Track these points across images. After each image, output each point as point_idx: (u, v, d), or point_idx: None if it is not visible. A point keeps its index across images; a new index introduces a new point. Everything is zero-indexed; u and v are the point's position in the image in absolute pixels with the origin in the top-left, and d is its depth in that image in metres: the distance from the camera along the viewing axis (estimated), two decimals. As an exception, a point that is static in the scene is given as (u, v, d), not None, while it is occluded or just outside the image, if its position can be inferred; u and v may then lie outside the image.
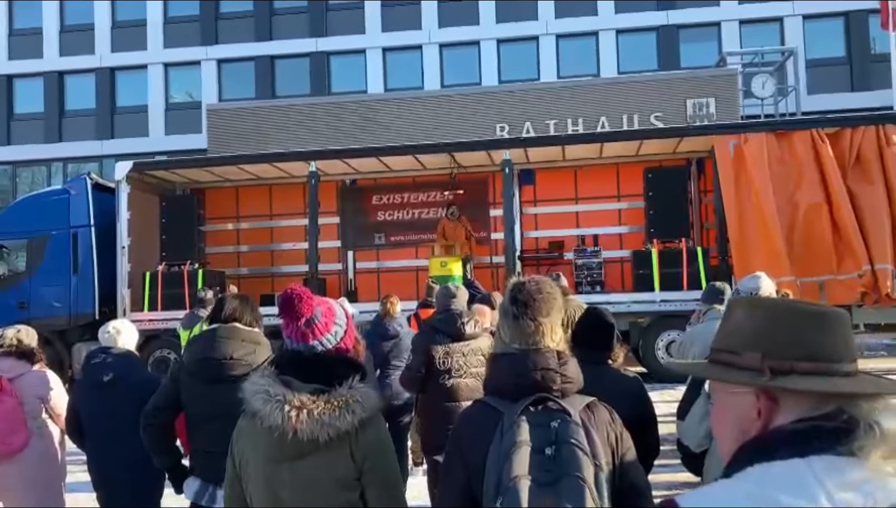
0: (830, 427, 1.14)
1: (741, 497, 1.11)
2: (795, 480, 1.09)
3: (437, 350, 4.78)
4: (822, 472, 1.09)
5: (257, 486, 2.16)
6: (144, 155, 20.01)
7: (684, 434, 3.22)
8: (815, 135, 11.22)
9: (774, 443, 1.16)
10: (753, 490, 1.11)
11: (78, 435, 4.37)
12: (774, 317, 1.27)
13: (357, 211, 14.53)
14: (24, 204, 14.18)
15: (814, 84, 21.69)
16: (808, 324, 1.24)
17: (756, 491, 1.10)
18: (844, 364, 1.21)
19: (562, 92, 16.69)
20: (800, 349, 1.22)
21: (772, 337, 1.25)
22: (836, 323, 1.24)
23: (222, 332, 3.67)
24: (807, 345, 1.22)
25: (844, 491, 1.06)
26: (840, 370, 1.21)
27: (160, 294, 12.58)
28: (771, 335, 1.25)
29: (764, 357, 1.24)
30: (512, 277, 2.25)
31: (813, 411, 1.18)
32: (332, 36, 24.77)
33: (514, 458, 1.83)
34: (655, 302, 11.70)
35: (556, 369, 1.99)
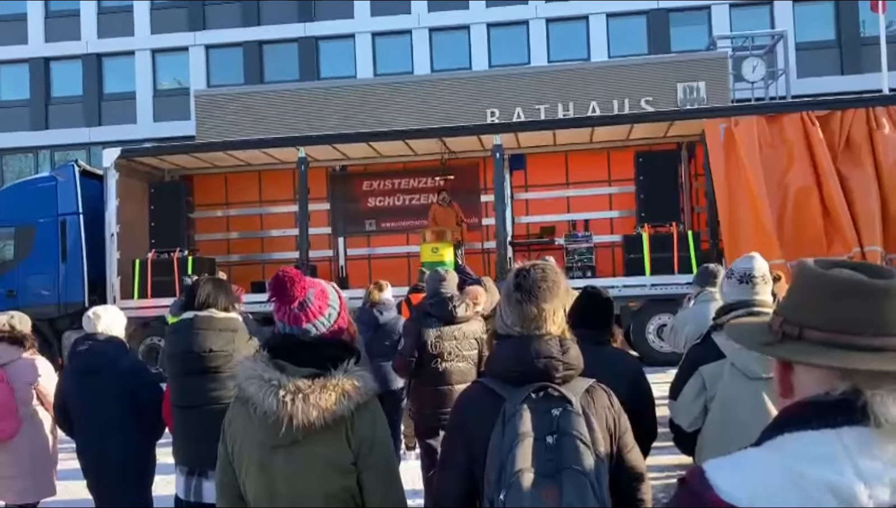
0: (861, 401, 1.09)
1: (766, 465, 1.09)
2: (822, 450, 1.06)
3: (429, 334, 4.77)
4: (852, 443, 1.06)
5: (251, 472, 2.12)
6: (132, 142, 19.84)
7: (677, 414, 3.22)
8: (805, 118, 11.23)
9: (806, 413, 1.12)
10: (778, 459, 1.08)
11: (67, 423, 4.34)
12: (803, 282, 1.22)
13: (347, 197, 14.47)
14: (10, 191, 14.06)
15: (804, 67, 21.69)
16: (832, 290, 1.17)
17: (780, 461, 1.08)
18: (866, 338, 1.13)
19: (552, 76, 16.65)
20: (813, 315, 1.17)
21: (793, 300, 1.22)
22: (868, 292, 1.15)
23: (199, 324, 3.67)
24: (822, 312, 1.16)
25: (872, 462, 1.04)
26: (858, 343, 1.13)
27: (150, 281, 12.53)
28: (793, 299, 1.22)
29: (783, 321, 1.20)
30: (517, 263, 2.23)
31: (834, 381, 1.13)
32: (320, 21, 24.58)
33: (517, 451, 1.84)
34: (646, 286, 11.73)
35: (559, 357, 2.00)
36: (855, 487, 1.02)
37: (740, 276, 3.21)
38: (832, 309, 1.16)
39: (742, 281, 3.21)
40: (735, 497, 1.04)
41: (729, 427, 2.97)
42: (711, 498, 1.06)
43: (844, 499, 1.01)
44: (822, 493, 1.02)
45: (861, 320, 1.13)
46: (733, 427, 2.91)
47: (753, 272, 3.20)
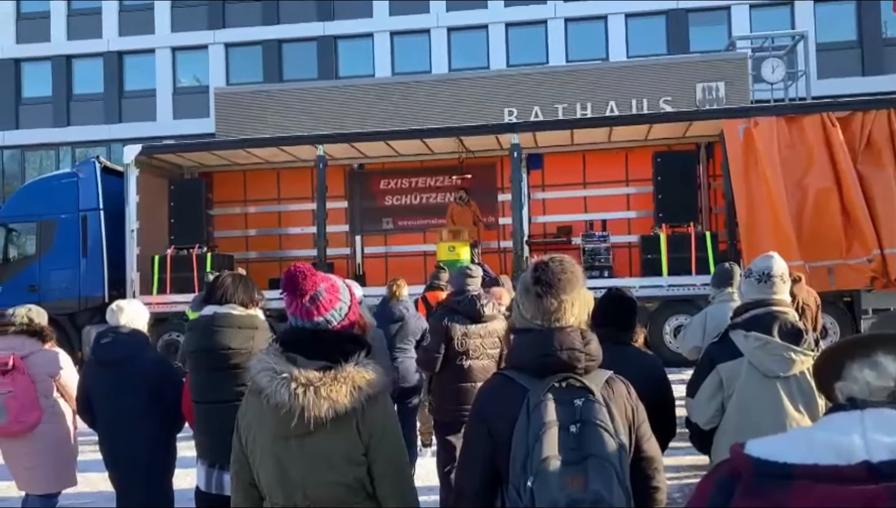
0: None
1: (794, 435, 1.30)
2: (841, 423, 1.23)
3: (456, 331, 4.80)
4: (870, 419, 1.21)
5: (265, 463, 2.16)
6: (152, 139, 20.00)
7: (693, 412, 3.22)
8: (825, 119, 11.13)
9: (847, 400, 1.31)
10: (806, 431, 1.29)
11: (89, 415, 4.38)
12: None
13: (365, 195, 14.53)
14: (33, 187, 14.21)
15: (824, 68, 21.51)
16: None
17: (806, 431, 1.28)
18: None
19: (570, 76, 16.62)
20: None
21: None
22: None
23: (218, 321, 3.68)
24: None
25: (881, 434, 1.18)
26: None
27: (169, 277, 12.63)
28: None
29: None
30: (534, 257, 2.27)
31: None
32: (339, 20, 24.66)
33: (544, 439, 1.88)
34: (664, 286, 11.68)
35: (581, 349, 2.03)
36: (854, 445, 1.17)
37: (759, 275, 3.21)
38: None
39: (760, 280, 3.20)
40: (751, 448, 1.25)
41: (746, 425, 2.97)
42: (736, 452, 1.27)
43: (842, 454, 1.17)
44: (824, 449, 1.18)
45: None
46: (750, 426, 2.90)
47: (772, 271, 3.19)
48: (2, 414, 4.48)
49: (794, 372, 3.06)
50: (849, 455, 1.16)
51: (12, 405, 4.48)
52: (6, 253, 13.63)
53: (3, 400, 4.47)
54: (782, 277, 3.22)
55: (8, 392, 4.48)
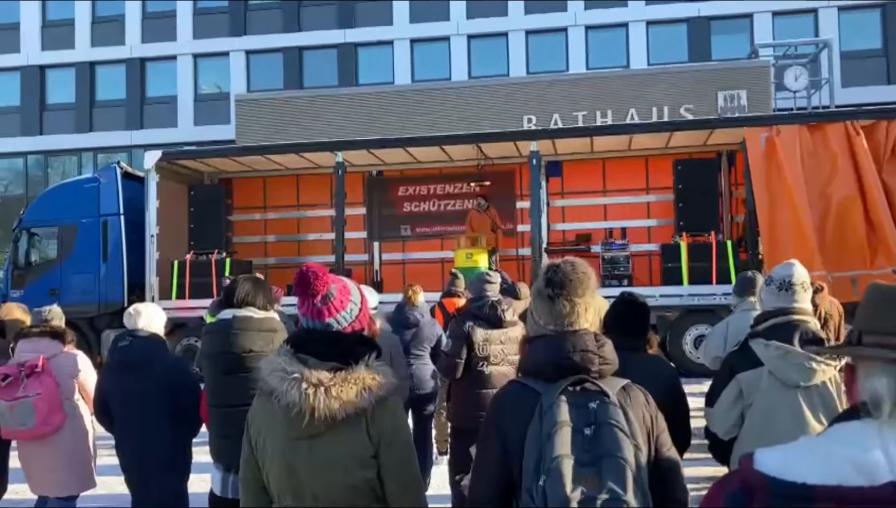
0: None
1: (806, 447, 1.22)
2: (859, 435, 1.17)
3: (478, 335, 4.78)
4: (890, 432, 1.15)
5: (274, 464, 2.15)
6: (173, 145, 20.16)
7: (713, 421, 3.17)
8: (849, 128, 11.02)
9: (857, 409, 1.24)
10: (820, 443, 1.21)
11: (106, 417, 4.40)
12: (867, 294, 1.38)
13: (383, 202, 14.55)
14: (54, 192, 14.38)
15: (849, 76, 21.28)
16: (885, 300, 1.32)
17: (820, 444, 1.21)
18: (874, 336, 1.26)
19: (590, 83, 16.54)
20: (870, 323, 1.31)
21: (859, 312, 1.37)
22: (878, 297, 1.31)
23: (238, 324, 3.68)
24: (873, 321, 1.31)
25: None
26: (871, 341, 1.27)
27: (188, 282, 12.71)
28: (859, 310, 1.38)
29: (852, 332, 1.35)
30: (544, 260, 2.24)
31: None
32: (360, 27, 24.77)
33: (555, 438, 1.83)
34: (683, 296, 11.58)
35: (595, 350, 1.99)
36: (878, 464, 1.11)
37: (779, 283, 3.16)
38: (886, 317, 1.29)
39: (781, 289, 3.15)
40: (767, 467, 1.19)
41: (766, 435, 2.90)
42: (746, 468, 1.22)
43: (866, 473, 1.11)
44: (844, 466, 1.12)
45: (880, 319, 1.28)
46: (770, 436, 2.83)
47: (793, 279, 3.14)
48: (30, 418, 4.50)
49: (816, 381, 3.00)
50: (873, 474, 1.10)
51: (41, 407, 4.51)
52: (28, 257, 13.79)
53: (32, 402, 4.50)
54: (803, 285, 3.16)
55: (36, 394, 4.51)
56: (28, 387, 4.50)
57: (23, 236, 13.67)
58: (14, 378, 4.51)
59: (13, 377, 4.52)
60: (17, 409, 4.48)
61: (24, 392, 4.49)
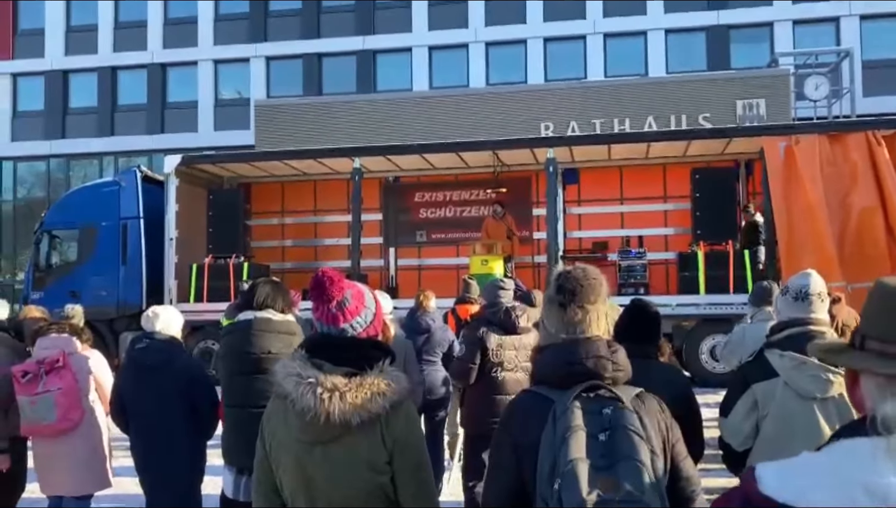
0: None
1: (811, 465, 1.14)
2: (868, 454, 1.09)
3: (492, 341, 4.78)
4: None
5: (288, 469, 2.16)
6: (193, 150, 20.33)
7: (726, 432, 3.14)
8: (869, 137, 10.91)
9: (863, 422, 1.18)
10: (824, 460, 1.13)
11: (122, 419, 4.43)
12: (872, 295, 1.29)
13: (400, 208, 14.58)
14: (75, 195, 14.53)
15: (870, 85, 21.09)
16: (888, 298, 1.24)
17: (826, 461, 1.12)
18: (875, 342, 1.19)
19: (608, 91, 16.48)
20: (874, 327, 1.22)
21: (864, 313, 1.29)
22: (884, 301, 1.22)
23: (258, 325, 3.71)
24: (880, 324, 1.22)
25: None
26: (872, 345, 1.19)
27: (206, 286, 12.76)
28: (863, 311, 1.29)
29: (854, 332, 1.28)
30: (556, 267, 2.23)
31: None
32: (378, 34, 24.88)
33: (570, 441, 1.81)
34: (700, 305, 11.50)
35: (608, 356, 1.97)
36: (891, 488, 1.04)
37: (796, 293, 3.13)
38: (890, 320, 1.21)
39: (797, 299, 3.12)
40: (770, 487, 1.12)
41: (781, 447, 2.86)
42: (748, 487, 1.15)
43: (879, 497, 1.04)
44: (855, 490, 1.06)
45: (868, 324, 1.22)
46: (786, 448, 2.78)
47: (809, 289, 3.11)
48: (50, 413, 4.54)
49: (832, 393, 2.96)
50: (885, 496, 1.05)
51: (62, 402, 4.55)
52: (49, 259, 13.93)
53: (54, 398, 4.54)
54: (820, 296, 3.13)
55: (58, 388, 4.56)
56: (48, 383, 4.55)
57: (44, 238, 13.82)
58: (34, 374, 4.56)
59: (33, 373, 4.57)
60: (38, 404, 4.53)
61: (45, 387, 4.54)
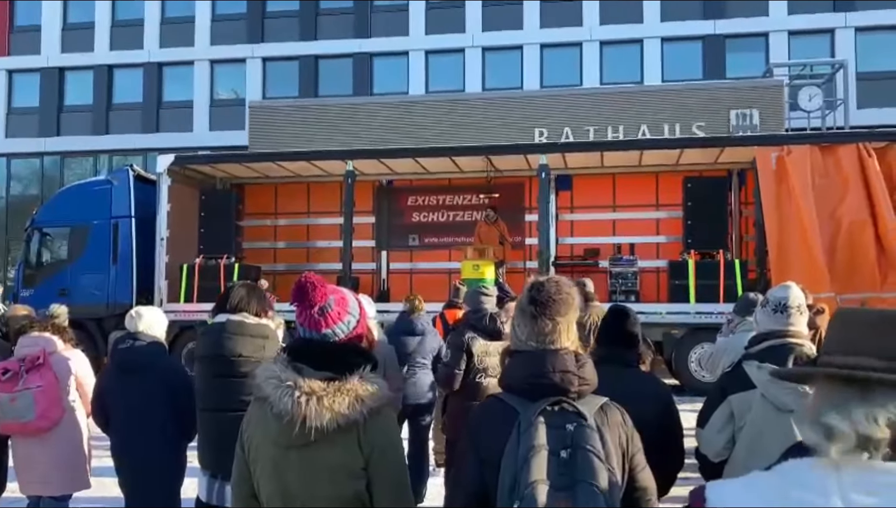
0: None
1: (761, 486, 1.14)
2: (817, 476, 1.09)
3: (477, 347, 4.79)
4: (848, 476, 1.08)
5: (265, 473, 2.17)
6: (188, 149, 20.30)
7: (703, 443, 3.14)
8: (861, 149, 10.95)
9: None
10: (775, 482, 1.13)
11: (102, 419, 4.42)
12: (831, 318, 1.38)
13: (392, 211, 14.58)
14: (67, 193, 14.49)
15: (864, 98, 21.18)
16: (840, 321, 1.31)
17: (776, 483, 1.13)
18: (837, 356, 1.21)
19: (602, 98, 16.53)
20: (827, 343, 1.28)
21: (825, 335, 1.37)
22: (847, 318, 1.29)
23: (231, 328, 3.71)
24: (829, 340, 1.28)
25: (861, 495, 1.05)
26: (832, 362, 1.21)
27: (196, 286, 12.75)
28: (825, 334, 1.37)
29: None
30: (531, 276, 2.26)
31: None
32: (375, 37, 24.91)
33: (532, 463, 1.85)
34: (690, 313, 11.52)
35: (575, 371, 2.00)
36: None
37: (775, 305, 3.14)
38: (839, 338, 1.27)
39: (777, 311, 3.13)
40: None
41: (756, 459, 2.86)
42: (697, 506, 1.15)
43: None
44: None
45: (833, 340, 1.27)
46: (761, 460, 2.79)
47: (788, 301, 3.12)
48: (29, 411, 4.52)
49: (809, 406, 2.96)
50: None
51: (41, 400, 4.53)
52: (39, 256, 13.90)
53: (33, 395, 4.51)
54: (799, 308, 3.14)
55: (37, 387, 4.54)
56: (28, 381, 4.53)
57: (35, 236, 13.79)
58: (14, 372, 4.55)
59: (13, 371, 4.55)
60: (18, 401, 4.51)
61: (25, 385, 4.52)
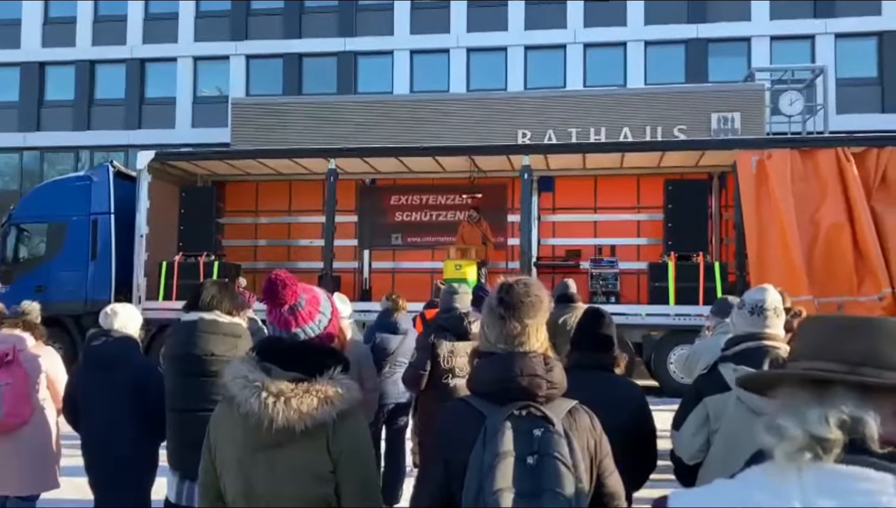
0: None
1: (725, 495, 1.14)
2: (778, 480, 1.09)
3: (443, 348, 4.76)
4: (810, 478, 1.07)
5: (230, 474, 2.12)
6: (170, 146, 20.16)
7: (678, 445, 3.14)
8: (840, 154, 11.02)
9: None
10: (739, 489, 1.13)
11: (73, 416, 4.36)
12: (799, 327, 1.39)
13: (375, 210, 14.54)
14: (46, 188, 14.31)
15: (844, 103, 21.38)
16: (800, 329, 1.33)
17: (740, 490, 1.12)
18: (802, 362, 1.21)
19: (585, 100, 16.58)
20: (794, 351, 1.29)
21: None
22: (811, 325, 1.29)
23: (203, 326, 3.66)
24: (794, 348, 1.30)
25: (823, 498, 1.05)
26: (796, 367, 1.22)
27: (175, 284, 12.63)
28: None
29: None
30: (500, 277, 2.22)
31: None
32: (360, 36, 24.84)
33: (497, 470, 1.82)
34: (670, 315, 11.57)
35: (543, 375, 1.97)
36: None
37: (751, 308, 3.15)
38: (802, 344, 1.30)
39: (753, 313, 3.14)
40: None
41: (731, 462, 2.85)
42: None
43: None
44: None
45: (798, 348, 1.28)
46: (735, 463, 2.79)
47: (765, 304, 3.13)
48: None
49: (784, 410, 2.97)
50: None
51: (9, 397, 4.46)
52: (17, 252, 13.71)
53: (2, 392, 4.45)
54: (776, 311, 3.15)
55: (6, 384, 4.47)
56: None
57: (11, 231, 13.60)
58: None
59: None
60: None
61: None
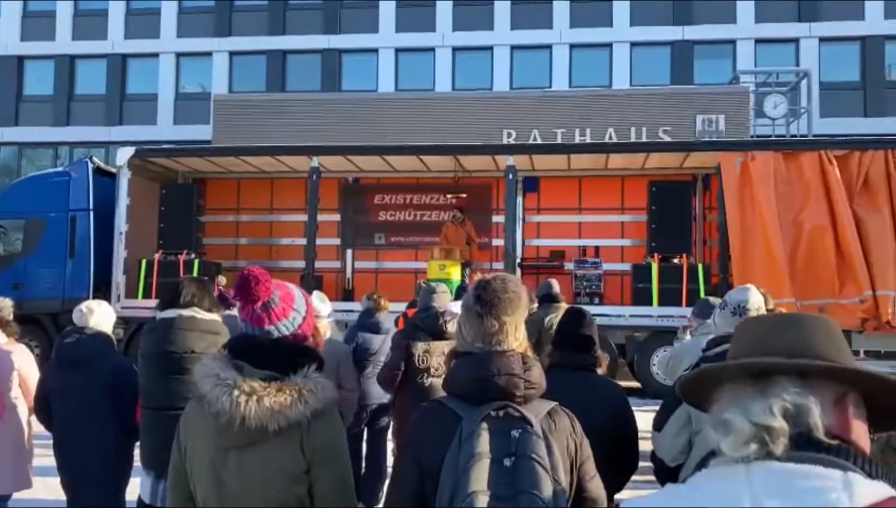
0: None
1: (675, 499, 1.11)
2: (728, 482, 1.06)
3: (418, 347, 4.73)
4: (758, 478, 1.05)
5: (202, 474, 2.06)
6: (152, 143, 19.94)
7: (659, 447, 3.10)
8: (823, 157, 11.09)
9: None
10: (688, 494, 1.09)
11: (45, 415, 4.28)
12: None
13: (358, 209, 14.46)
14: (24, 184, 14.13)
15: (827, 107, 21.55)
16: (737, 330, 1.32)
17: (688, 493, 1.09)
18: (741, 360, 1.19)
19: (571, 101, 16.57)
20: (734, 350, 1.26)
21: None
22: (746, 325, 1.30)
23: (182, 323, 3.61)
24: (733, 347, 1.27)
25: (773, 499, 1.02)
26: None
27: (155, 282, 12.49)
28: None
29: None
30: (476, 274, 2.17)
31: None
32: (345, 34, 24.75)
33: (472, 472, 1.77)
34: (653, 316, 11.57)
35: (521, 375, 1.92)
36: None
37: (734, 308, 3.12)
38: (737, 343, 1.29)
39: (735, 314, 3.12)
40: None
41: (713, 463, 2.84)
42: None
43: None
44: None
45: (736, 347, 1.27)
46: (717, 465, 2.78)
47: (748, 304, 3.10)
48: None
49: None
50: None
51: None
52: (-7, 249, 13.52)
53: None
54: (758, 311, 3.12)
55: None
56: None
57: (-12, 228, 13.41)
58: None
59: None
60: None
61: None
